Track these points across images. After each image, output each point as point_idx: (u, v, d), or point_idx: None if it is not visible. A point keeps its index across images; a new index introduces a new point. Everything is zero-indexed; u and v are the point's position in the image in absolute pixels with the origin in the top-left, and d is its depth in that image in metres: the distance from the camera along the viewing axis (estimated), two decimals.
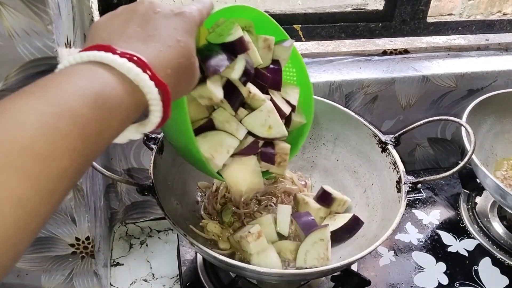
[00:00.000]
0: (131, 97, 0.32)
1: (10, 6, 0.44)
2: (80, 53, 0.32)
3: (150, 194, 0.57)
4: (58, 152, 0.27)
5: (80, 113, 0.28)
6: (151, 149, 0.63)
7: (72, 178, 0.28)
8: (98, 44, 0.33)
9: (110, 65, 0.32)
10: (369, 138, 0.71)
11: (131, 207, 0.86)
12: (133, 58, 0.33)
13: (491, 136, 0.89)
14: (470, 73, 0.89)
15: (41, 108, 0.27)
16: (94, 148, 0.30)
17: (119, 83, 0.32)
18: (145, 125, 0.36)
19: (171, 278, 0.78)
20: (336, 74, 0.84)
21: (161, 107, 0.35)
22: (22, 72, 0.48)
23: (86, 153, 0.29)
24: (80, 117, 0.28)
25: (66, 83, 0.29)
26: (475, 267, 0.76)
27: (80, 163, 0.28)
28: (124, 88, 0.32)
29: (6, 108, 0.27)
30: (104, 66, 0.32)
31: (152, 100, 0.34)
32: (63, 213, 0.58)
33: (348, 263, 0.55)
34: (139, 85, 0.33)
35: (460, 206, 0.88)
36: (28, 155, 0.25)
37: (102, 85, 0.30)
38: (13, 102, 0.27)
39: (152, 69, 0.33)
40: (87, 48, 0.33)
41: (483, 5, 1.06)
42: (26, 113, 0.27)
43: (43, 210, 0.27)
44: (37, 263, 0.64)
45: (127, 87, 0.32)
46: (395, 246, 0.79)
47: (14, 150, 0.25)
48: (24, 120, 0.26)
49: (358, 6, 0.92)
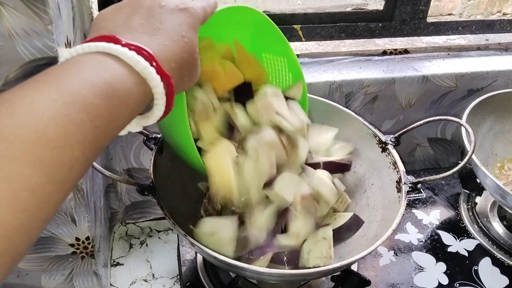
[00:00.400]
0: (139, 89, 0.33)
1: (10, 6, 0.44)
2: (88, 43, 0.32)
3: (150, 194, 0.57)
4: (70, 141, 0.27)
5: (91, 103, 0.29)
6: (151, 149, 0.63)
7: (82, 167, 0.29)
8: (104, 35, 0.33)
9: (118, 57, 0.32)
10: (369, 138, 0.71)
11: (131, 207, 0.86)
12: (141, 51, 0.33)
13: (491, 136, 0.89)
14: (470, 73, 0.89)
15: (54, 97, 0.27)
16: (104, 137, 0.30)
17: (128, 75, 0.32)
18: (148, 117, 0.37)
19: (171, 278, 0.78)
20: (336, 74, 0.84)
21: (165, 101, 0.35)
22: (22, 72, 0.48)
23: (96, 143, 0.29)
24: (91, 107, 0.29)
25: (77, 73, 0.30)
26: (475, 267, 0.76)
27: (90, 152, 0.29)
28: (133, 80, 0.32)
29: (21, 97, 0.27)
30: (112, 57, 0.32)
31: (157, 93, 0.34)
32: (63, 213, 0.58)
33: (348, 263, 0.55)
34: (147, 78, 0.33)
35: (460, 206, 0.88)
36: (42, 143, 0.26)
37: (112, 75, 0.31)
38: (26, 90, 0.28)
39: (158, 62, 0.34)
40: (94, 39, 0.33)
41: (483, 5, 1.06)
42: (40, 102, 0.27)
43: (54, 199, 0.27)
44: (37, 263, 0.64)
45: (135, 79, 0.32)
46: (395, 246, 0.79)
47: (30, 138, 0.25)
48: (38, 109, 0.27)
49: (358, 6, 0.92)
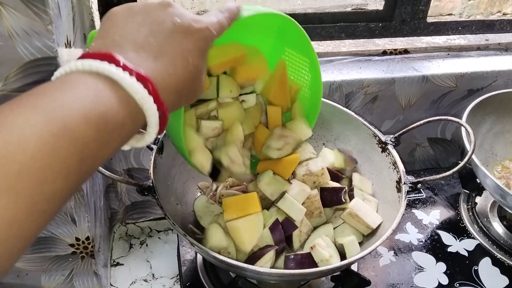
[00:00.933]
0: (133, 118, 0.32)
1: (10, 6, 0.44)
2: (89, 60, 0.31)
3: (150, 194, 0.57)
4: (54, 174, 0.26)
5: (82, 136, 0.28)
6: (151, 149, 0.63)
7: (65, 197, 0.28)
8: (108, 53, 0.32)
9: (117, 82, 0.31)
10: (369, 138, 0.71)
11: (131, 207, 0.86)
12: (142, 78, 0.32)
13: (491, 136, 0.89)
14: (470, 73, 0.89)
15: (41, 127, 0.26)
16: (89, 168, 0.30)
17: (123, 105, 0.31)
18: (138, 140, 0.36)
19: (171, 278, 0.78)
20: (336, 74, 0.84)
21: (157, 130, 0.34)
22: (22, 72, 0.48)
23: (81, 174, 0.29)
24: (81, 140, 0.28)
25: (71, 101, 0.28)
26: (475, 267, 0.76)
27: (74, 182, 0.28)
28: (128, 110, 0.31)
29: (8, 122, 0.26)
30: (111, 83, 0.31)
31: (151, 122, 0.33)
32: (63, 213, 0.58)
33: (348, 263, 0.55)
34: (143, 108, 0.32)
35: (460, 206, 0.88)
36: (24, 177, 0.25)
37: (107, 107, 0.30)
38: (14, 114, 0.27)
39: (157, 92, 0.33)
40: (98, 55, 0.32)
41: (483, 5, 1.06)
42: (26, 131, 0.26)
43: (32, 230, 0.27)
44: (37, 263, 0.64)
45: (131, 108, 0.31)
46: (395, 246, 0.79)
47: (12, 171, 0.25)
48: (24, 139, 0.26)
49: (358, 6, 0.92)
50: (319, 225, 0.65)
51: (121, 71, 0.31)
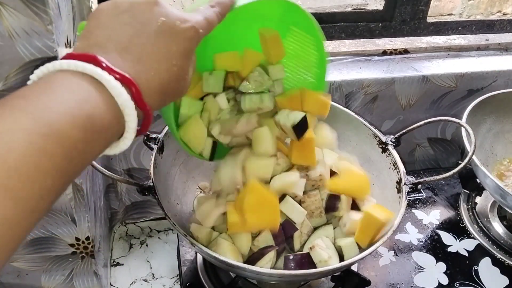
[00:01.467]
0: (117, 121, 0.33)
1: (10, 6, 0.44)
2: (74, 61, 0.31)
3: (150, 194, 0.57)
4: (42, 173, 0.27)
5: (69, 136, 0.28)
6: (151, 149, 0.63)
7: (53, 196, 0.29)
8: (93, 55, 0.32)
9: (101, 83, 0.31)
10: (369, 138, 0.71)
11: (131, 207, 0.86)
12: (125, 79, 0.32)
13: (491, 136, 0.89)
14: (470, 73, 0.89)
15: (29, 128, 0.27)
16: (77, 168, 0.30)
17: (109, 107, 0.31)
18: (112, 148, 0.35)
19: (171, 278, 0.78)
20: (336, 74, 0.84)
21: (134, 135, 0.34)
22: (22, 72, 0.48)
23: (69, 173, 0.29)
24: (68, 140, 0.28)
25: (58, 101, 0.29)
26: (475, 267, 0.76)
27: (62, 182, 0.29)
28: (113, 113, 0.32)
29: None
30: (95, 83, 0.31)
31: (129, 128, 0.34)
32: (63, 213, 0.58)
33: (348, 263, 0.55)
34: (124, 112, 0.33)
35: (460, 206, 0.88)
36: (14, 176, 0.26)
37: (93, 108, 0.30)
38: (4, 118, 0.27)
39: (140, 93, 0.33)
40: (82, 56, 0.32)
41: (483, 5, 1.06)
42: (14, 133, 0.27)
43: (22, 229, 0.27)
44: (37, 263, 0.64)
45: (115, 111, 0.32)
46: (395, 246, 0.79)
47: (3, 170, 0.25)
48: (13, 140, 0.26)
49: (358, 6, 0.92)
50: (320, 225, 0.65)
51: (106, 74, 0.31)
